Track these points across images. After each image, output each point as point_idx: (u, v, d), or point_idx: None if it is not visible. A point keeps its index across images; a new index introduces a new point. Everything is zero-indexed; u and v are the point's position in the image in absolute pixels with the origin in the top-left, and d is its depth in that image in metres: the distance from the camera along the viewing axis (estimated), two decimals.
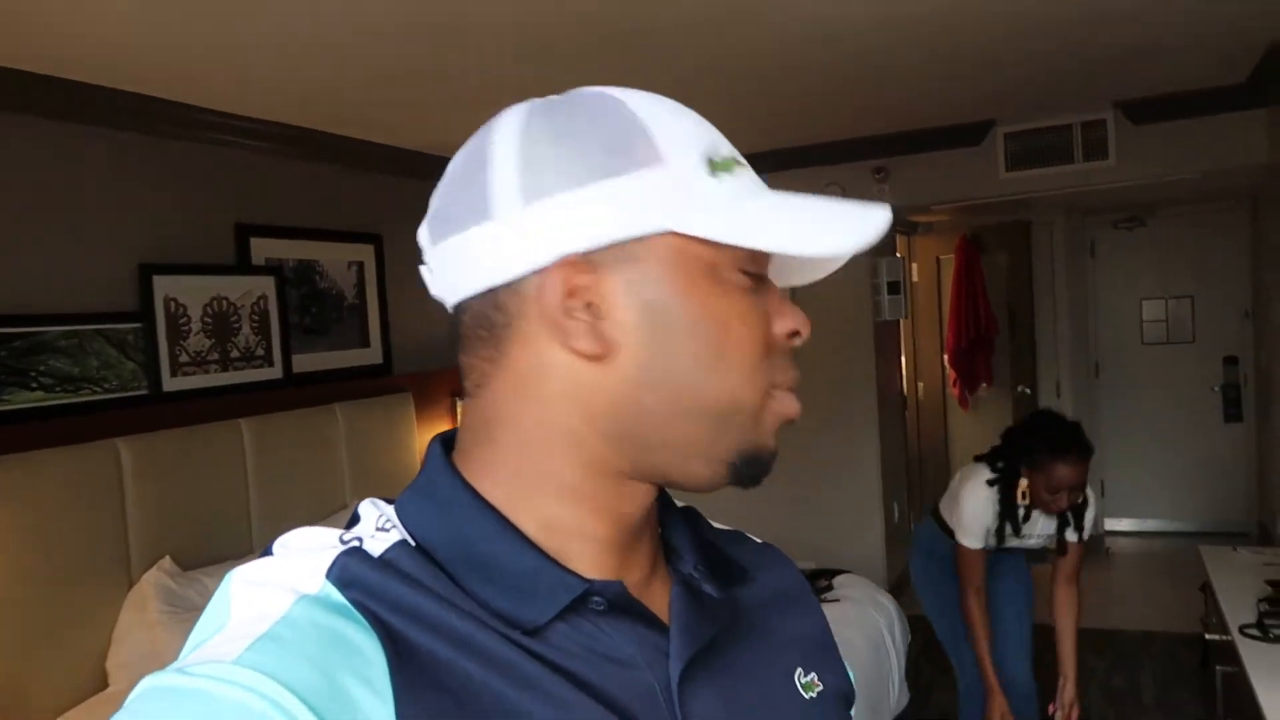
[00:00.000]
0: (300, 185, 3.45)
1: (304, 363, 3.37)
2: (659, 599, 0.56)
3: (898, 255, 5.13)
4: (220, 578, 0.52)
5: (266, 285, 3.23)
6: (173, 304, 2.89)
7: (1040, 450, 2.51)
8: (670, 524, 0.62)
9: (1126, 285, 6.13)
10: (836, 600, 3.17)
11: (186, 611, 2.49)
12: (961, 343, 5.85)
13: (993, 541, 2.68)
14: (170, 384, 2.86)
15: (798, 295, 3.91)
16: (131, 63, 2.50)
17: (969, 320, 5.81)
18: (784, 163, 4.58)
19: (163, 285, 2.86)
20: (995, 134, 4.27)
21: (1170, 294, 6.04)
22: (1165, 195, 5.51)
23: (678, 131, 0.54)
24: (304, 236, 3.42)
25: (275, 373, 3.24)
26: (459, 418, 3.72)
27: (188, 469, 2.77)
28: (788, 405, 0.57)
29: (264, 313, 3.21)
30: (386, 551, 0.51)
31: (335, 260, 3.55)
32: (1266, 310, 4.77)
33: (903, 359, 5.56)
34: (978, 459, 2.75)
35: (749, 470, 0.55)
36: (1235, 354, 5.87)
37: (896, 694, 3.08)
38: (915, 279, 6.07)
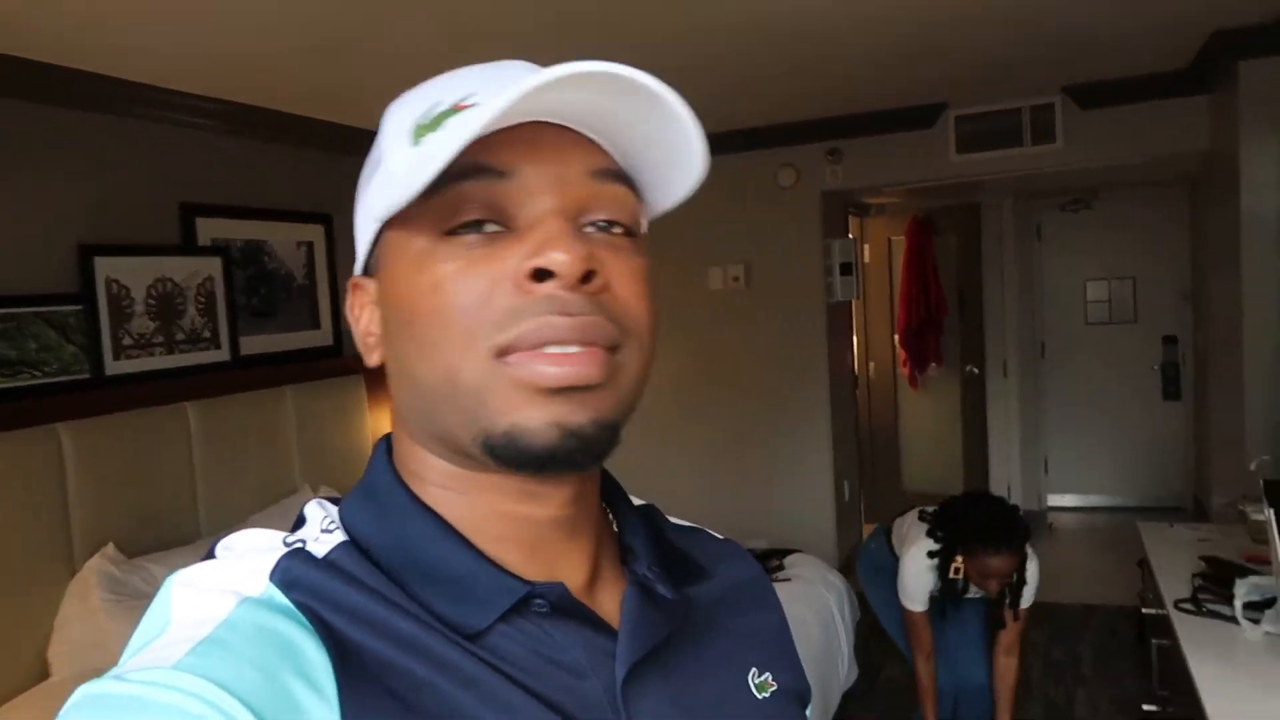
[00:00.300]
0: (248, 164, 3.38)
1: (252, 345, 3.31)
2: (609, 600, 0.55)
3: (850, 237, 5.18)
4: (166, 565, 0.52)
5: (213, 266, 3.16)
6: (115, 285, 2.81)
7: (973, 540, 2.55)
8: (625, 524, 0.60)
9: (1072, 267, 6.25)
10: (788, 579, 3.21)
11: (131, 599, 2.45)
12: (912, 323, 5.93)
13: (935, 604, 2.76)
14: (113, 367, 2.80)
15: (754, 280, 3.88)
16: (69, 37, 2.42)
17: (919, 301, 5.89)
18: (737, 144, 4.59)
19: (104, 266, 2.79)
20: (947, 117, 4.32)
21: (1114, 275, 6.18)
22: (1110, 179, 5.62)
23: (399, 119, 0.53)
24: (252, 216, 3.35)
25: (222, 355, 3.18)
26: None
27: (131, 454, 2.72)
28: (531, 369, 0.47)
29: (210, 294, 3.15)
30: (330, 553, 0.50)
31: (284, 240, 3.49)
32: (1205, 291, 4.91)
33: (854, 339, 5.63)
34: (922, 516, 2.80)
35: (515, 459, 0.48)
36: (1175, 334, 6.03)
37: (845, 670, 3.14)
38: (867, 260, 6.13)
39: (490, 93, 0.47)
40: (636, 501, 0.63)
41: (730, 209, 4.71)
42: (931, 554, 2.66)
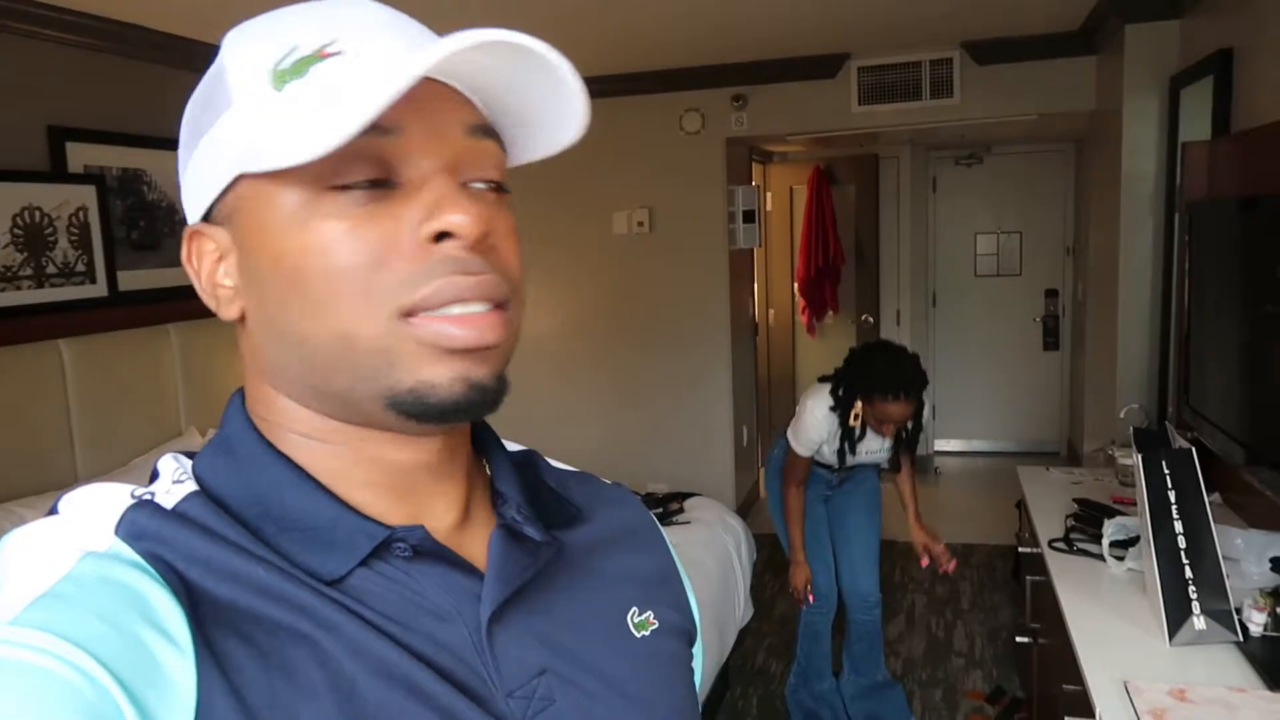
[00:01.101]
0: (124, 87, 3.16)
1: (132, 280, 3.14)
2: (477, 545, 0.55)
3: (753, 184, 5.21)
4: (42, 510, 0.48)
5: (86, 195, 2.96)
6: None
7: (872, 388, 2.69)
8: (497, 469, 0.60)
9: (963, 220, 6.45)
10: (688, 522, 3.26)
11: None
12: (810, 272, 6.04)
13: (833, 458, 2.90)
14: None
15: (658, 225, 3.86)
16: None
17: (818, 250, 5.99)
18: (644, 87, 4.54)
19: None
20: (849, 67, 4.36)
21: (1002, 229, 6.40)
22: (1002, 135, 5.79)
23: (249, 57, 0.50)
24: (129, 143, 3.15)
25: (99, 290, 3.00)
26: None
27: (0, 393, 2.55)
28: (437, 330, 0.47)
29: (84, 225, 2.95)
30: (180, 503, 0.49)
31: (165, 170, 3.29)
32: (1085, 247, 5.13)
33: (755, 286, 5.70)
34: (822, 380, 2.91)
35: (421, 413, 0.48)
36: (1056, 287, 6.31)
37: (742, 609, 3.22)
38: (769, 208, 6.18)
39: (354, 43, 0.48)
40: (515, 447, 0.64)
41: (636, 153, 4.67)
42: (832, 408, 2.80)
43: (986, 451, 6.53)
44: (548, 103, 0.50)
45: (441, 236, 0.47)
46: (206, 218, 0.52)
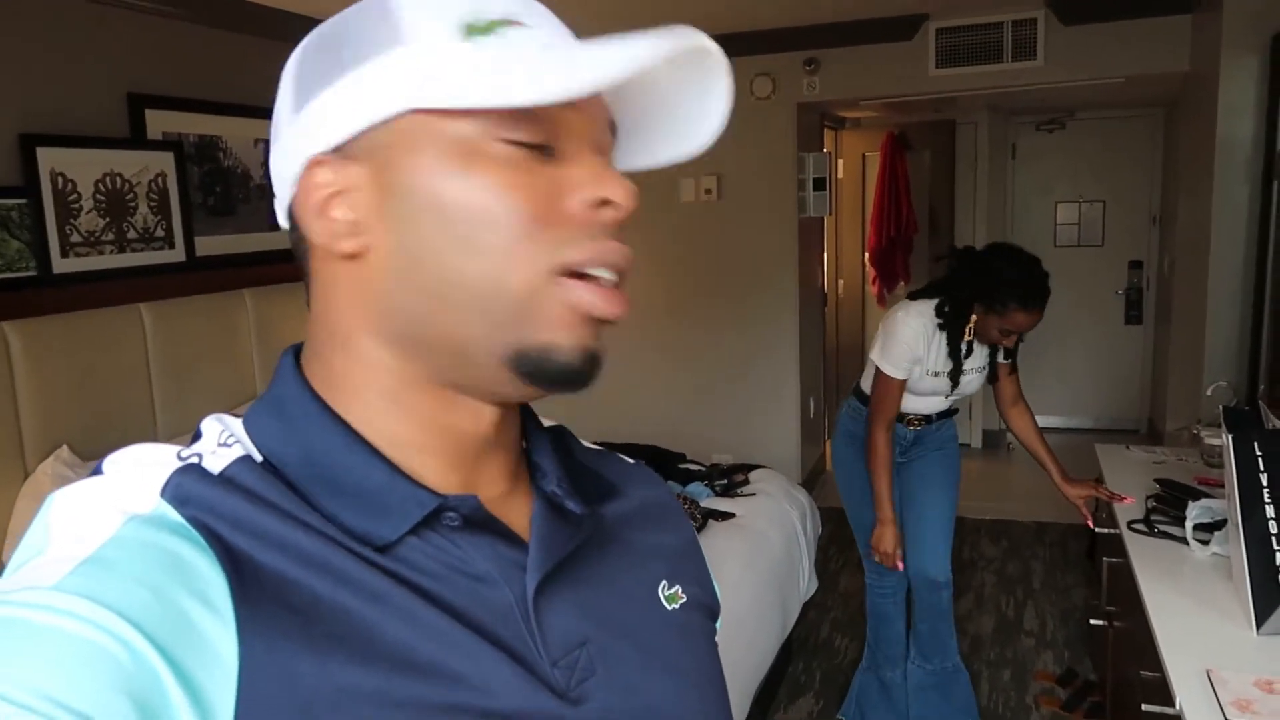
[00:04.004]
0: (200, 54, 3.21)
1: (208, 245, 3.21)
2: (519, 516, 0.55)
3: (825, 151, 5.10)
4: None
5: (165, 161, 3.03)
6: (60, 179, 2.69)
7: (1005, 296, 2.44)
8: (535, 442, 0.61)
9: (1044, 187, 6.23)
10: (753, 494, 3.24)
11: None
12: (882, 242, 5.91)
13: (930, 388, 2.64)
14: (61, 265, 2.69)
15: (726, 193, 3.81)
16: None
17: (890, 219, 5.86)
18: None
19: (48, 158, 2.65)
20: (927, 29, 4.21)
21: (1084, 198, 6.17)
22: (1086, 99, 5.56)
23: (431, 5, 0.50)
24: (206, 110, 3.20)
25: (177, 255, 3.08)
26: None
27: (84, 355, 2.64)
28: (582, 296, 0.49)
29: (163, 191, 3.02)
30: (228, 468, 0.48)
31: (240, 137, 3.35)
32: (1172, 217, 4.91)
33: (825, 256, 5.59)
34: (913, 295, 2.66)
35: (537, 373, 0.50)
36: (1140, 259, 6.06)
37: (806, 582, 3.19)
38: (841, 176, 6.05)
39: (533, 18, 0.51)
40: (547, 423, 0.64)
41: None
42: (943, 325, 2.53)
43: (1063, 428, 6.34)
44: (688, 104, 0.55)
45: (602, 207, 0.50)
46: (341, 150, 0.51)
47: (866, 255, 6.11)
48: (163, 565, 0.42)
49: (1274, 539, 1.71)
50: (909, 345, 2.55)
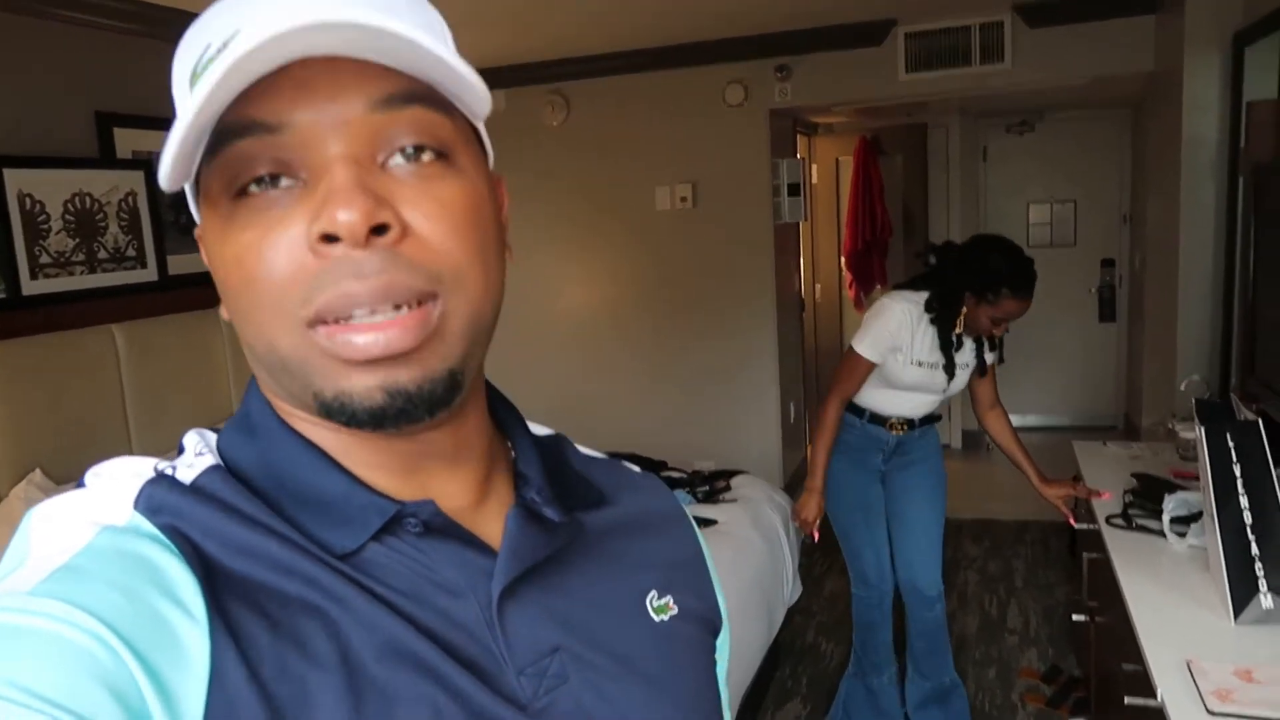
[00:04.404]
0: (168, 72, 3.19)
1: (181, 264, 3.19)
2: (494, 525, 0.55)
3: (798, 157, 5.13)
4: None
5: (134, 180, 3.01)
6: (28, 200, 2.66)
7: (997, 284, 2.44)
8: (521, 452, 0.60)
9: (1015, 189, 6.29)
10: (735, 500, 3.24)
11: None
12: (858, 245, 5.94)
13: (913, 385, 2.61)
14: (30, 287, 2.67)
15: (702, 200, 3.78)
16: None
17: (865, 222, 5.89)
18: (684, 59, 4.48)
19: (15, 179, 2.63)
20: (896, 34, 4.25)
21: (1055, 199, 6.24)
22: (1055, 100, 5.62)
23: (182, 59, 0.49)
24: None
25: (149, 275, 3.06)
26: None
27: (56, 377, 2.61)
28: (343, 341, 0.45)
29: (133, 210, 3.00)
30: (199, 478, 0.49)
31: None
32: (1142, 215, 4.97)
33: (801, 260, 5.62)
34: (899, 287, 2.65)
35: (350, 419, 0.47)
36: (1112, 257, 6.13)
37: (790, 588, 3.20)
38: (815, 181, 6.09)
39: (246, 34, 0.42)
40: (544, 431, 0.64)
41: (678, 127, 4.62)
42: (934, 320, 2.51)
43: (1040, 426, 6.39)
44: (452, 78, 0.46)
45: (332, 238, 0.43)
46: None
47: (842, 259, 6.15)
48: (135, 570, 0.43)
49: (1248, 529, 1.73)
50: (890, 331, 2.54)
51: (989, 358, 2.71)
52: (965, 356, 2.64)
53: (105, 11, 2.88)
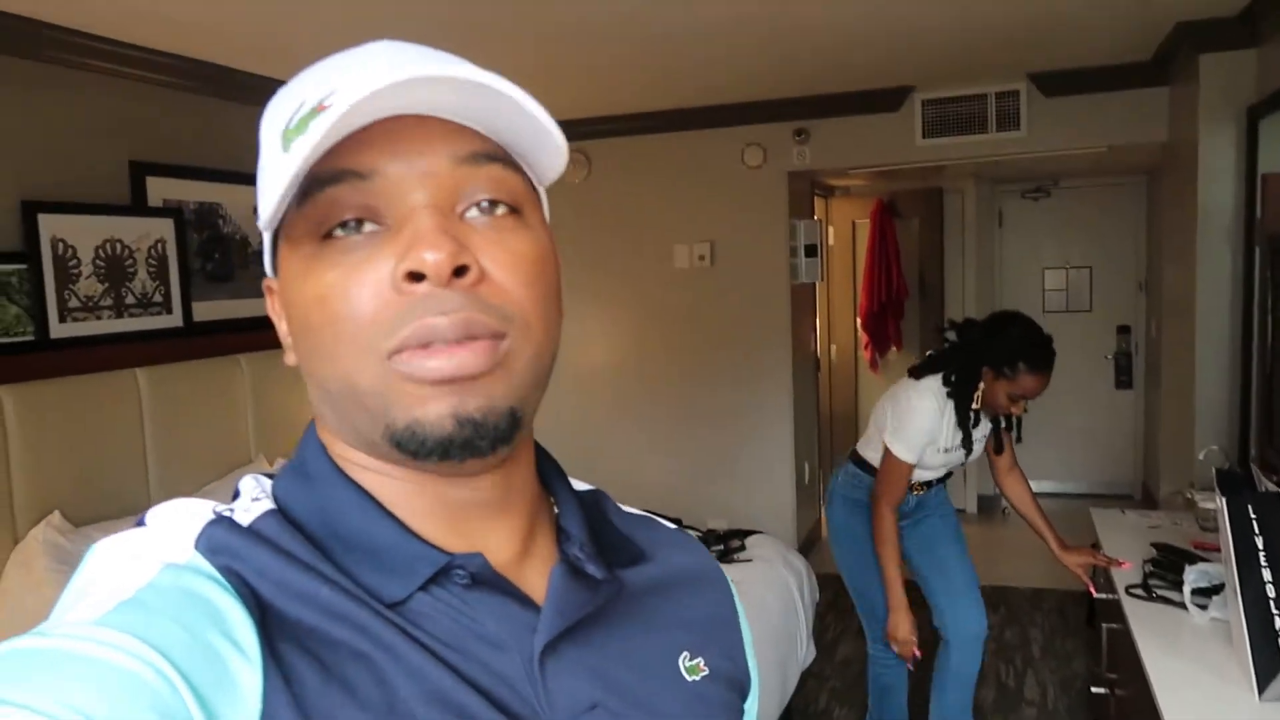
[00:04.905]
0: (201, 123, 3.27)
1: (206, 310, 3.23)
2: (538, 579, 0.56)
3: (815, 219, 5.18)
4: (115, 533, 0.51)
5: (164, 228, 3.06)
6: (61, 245, 2.72)
7: (1016, 360, 2.43)
8: (563, 506, 0.61)
9: (1030, 254, 6.32)
10: (749, 560, 3.21)
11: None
12: (874, 307, 5.96)
13: (937, 460, 2.61)
14: (58, 330, 2.70)
15: (719, 259, 3.82)
16: None
17: (881, 284, 5.92)
18: (704, 121, 4.56)
19: (49, 224, 2.69)
20: (913, 100, 4.32)
21: (1071, 264, 6.26)
22: (1070, 167, 5.68)
23: (273, 120, 0.53)
24: (205, 178, 3.25)
25: (174, 320, 3.10)
26: None
27: (79, 420, 2.63)
28: (421, 367, 0.48)
29: (162, 257, 3.05)
30: (256, 521, 0.51)
31: (240, 204, 3.39)
32: (1158, 281, 4.98)
33: (817, 321, 5.64)
34: (914, 370, 2.65)
35: (420, 450, 0.49)
36: (1128, 323, 6.13)
37: (804, 650, 3.16)
38: (831, 243, 6.14)
39: (346, 90, 0.47)
40: (584, 487, 0.65)
41: (697, 187, 4.69)
42: (950, 384, 2.50)
43: (1056, 493, 6.33)
44: (529, 131, 0.51)
45: (418, 277, 0.47)
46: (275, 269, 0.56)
47: (859, 321, 6.17)
48: (195, 608, 0.45)
49: (1272, 602, 1.71)
50: (924, 429, 2.52)
51: (1004, 433, 2.73)
52: (983, 430, 2.65)
53: (142, 64, 2.97)
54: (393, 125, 0.48)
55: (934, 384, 2.56)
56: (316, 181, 0.48)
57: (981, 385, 2.50)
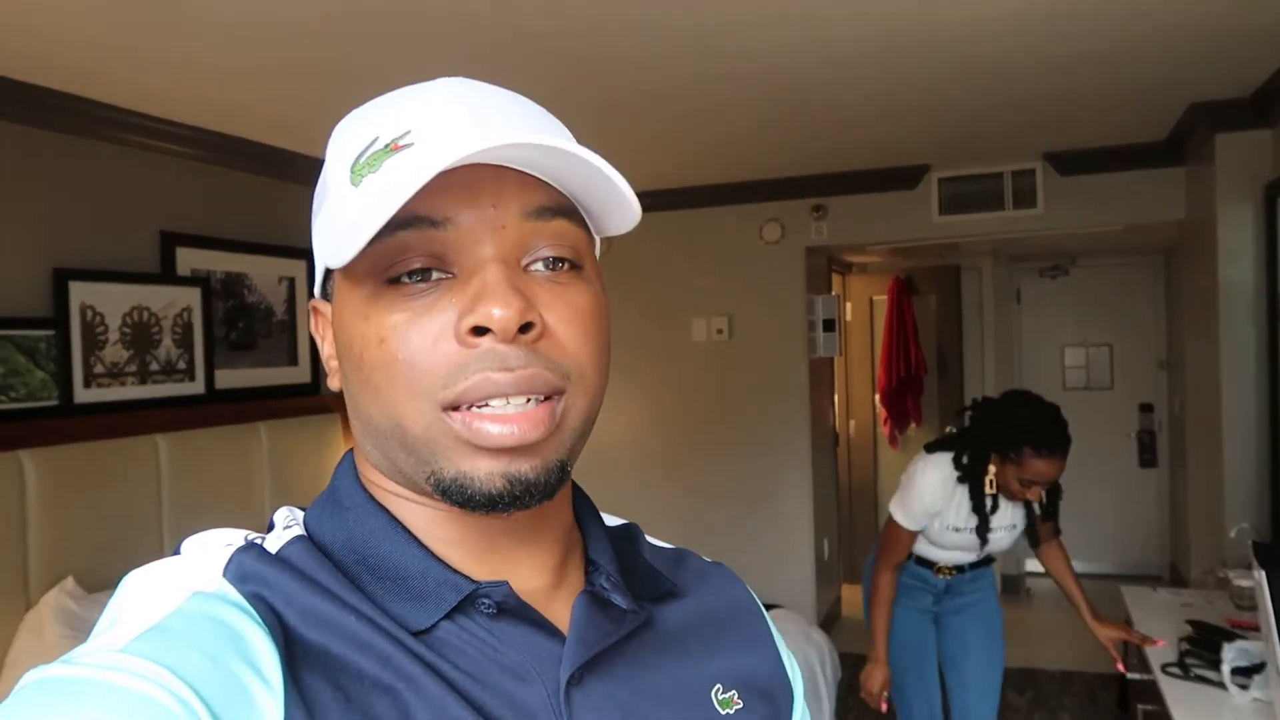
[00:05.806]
0: (231, 195, 3.35)
1: (228, 378, 3.25)
2: (565, 610, 0.55)
3: (833, 294, 5.20)
4: None
5: (191, 296, 3.11)
6: (90, 311, 2.76)
7: (1019, 442, 2.32)
8: (592, 540, 0.61)
9: (1050, 332, 6.31)
10: None
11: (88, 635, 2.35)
12: (892, 382, 5.94)
13: (953, 544, 2.54)
14: (83, 395, 2.73)
15: (737, 333, 3.83)
16: (48, 57, 2.40)
17: (900, 360, 5.91)
18: (724, 198, 4.62)
19: (79, 292, 2.73)
20: (930, 178, 4.38)
21: (1090, 342, 6.24)
22: (1088, 246, 5.70)
23: (341, 148, 0.54)
24: (233, 249, 3.31)
25: (197, 388, 3.12)
26: None
27: (97, 485, 2.63)
28: (476, 429, 0.48)
29: (187, 325, 3.09)
30: (283, 548, 0.52)
31: (265, 275, 3.45)
32: (1180, 359, 4.95)
33: (835, 396, 5.62)
34: (931, 446, 2.58)
35: (463, 500, 0.49)
36: (1151, 401, 6.07)
37: None
38: (849, 318, 6.16)
39: (425, 133, 0.49)
40: (616, 521, 0.65)
41: (715, 261, 4.73)
42: (961, 477, 2.41)
43: (1084, 573, 6.16)
44: (603, 190, 0.52)
45: (481, 330, 0.47)
46: (326, 293, 0.56)
47: (877, 396, 6.14)
48: (220, 636, 0.45)
49: None
50: (925, 499, 2.47)
51: (1041, 521, 2.61)
52: (1005, 519, 2.52)
53: (174, 138, 3.05)
54: (468, 174, 0.48)
55: (942, 459, 2.50)
56: (387, 225, 0.47)
57: (992, 469, 2.42)
